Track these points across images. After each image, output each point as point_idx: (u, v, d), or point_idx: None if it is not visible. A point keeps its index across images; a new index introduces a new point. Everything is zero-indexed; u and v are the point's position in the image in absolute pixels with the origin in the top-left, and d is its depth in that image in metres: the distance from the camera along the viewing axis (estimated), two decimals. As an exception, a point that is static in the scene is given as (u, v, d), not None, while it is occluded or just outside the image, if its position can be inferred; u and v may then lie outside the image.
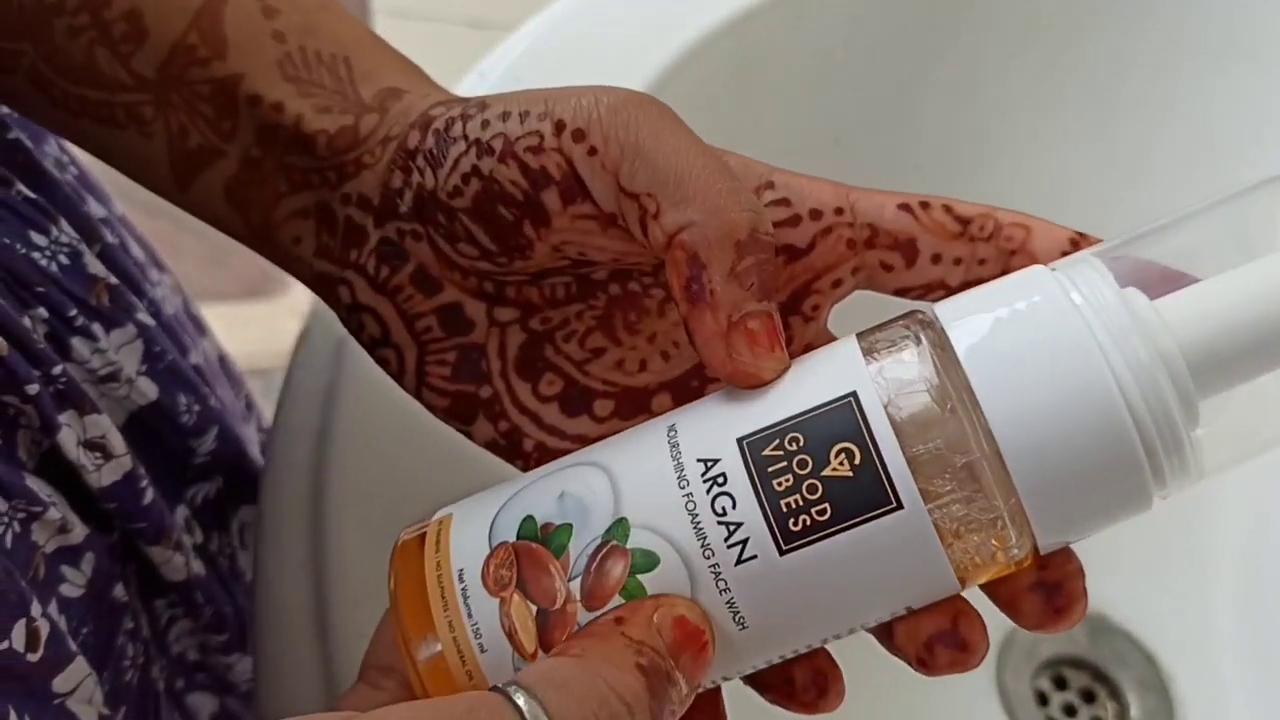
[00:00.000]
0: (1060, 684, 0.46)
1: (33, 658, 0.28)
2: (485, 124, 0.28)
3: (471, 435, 0.31)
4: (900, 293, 0.28)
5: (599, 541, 0.24)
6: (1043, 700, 0.45)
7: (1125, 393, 0.23)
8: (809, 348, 0.29)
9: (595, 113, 0.27)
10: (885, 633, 0.26)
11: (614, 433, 0.29)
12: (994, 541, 0.24)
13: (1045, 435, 0.23)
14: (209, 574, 0.38)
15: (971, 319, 0.24)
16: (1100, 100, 0.52)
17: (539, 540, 0.24)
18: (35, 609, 0.29)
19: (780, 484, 0.23)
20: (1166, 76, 0.51)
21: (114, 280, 0.35)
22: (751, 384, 0.25)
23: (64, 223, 0.35)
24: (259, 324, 1.26)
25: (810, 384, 0.24)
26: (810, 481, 0.23)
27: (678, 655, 0.23)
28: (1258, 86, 0.51)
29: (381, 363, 0.31)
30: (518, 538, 0.25)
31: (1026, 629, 0.26)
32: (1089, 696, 0.46)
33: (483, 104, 0.28)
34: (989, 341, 0.23)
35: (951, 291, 0.28)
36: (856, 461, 0.23)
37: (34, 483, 0.31)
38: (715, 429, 0.24)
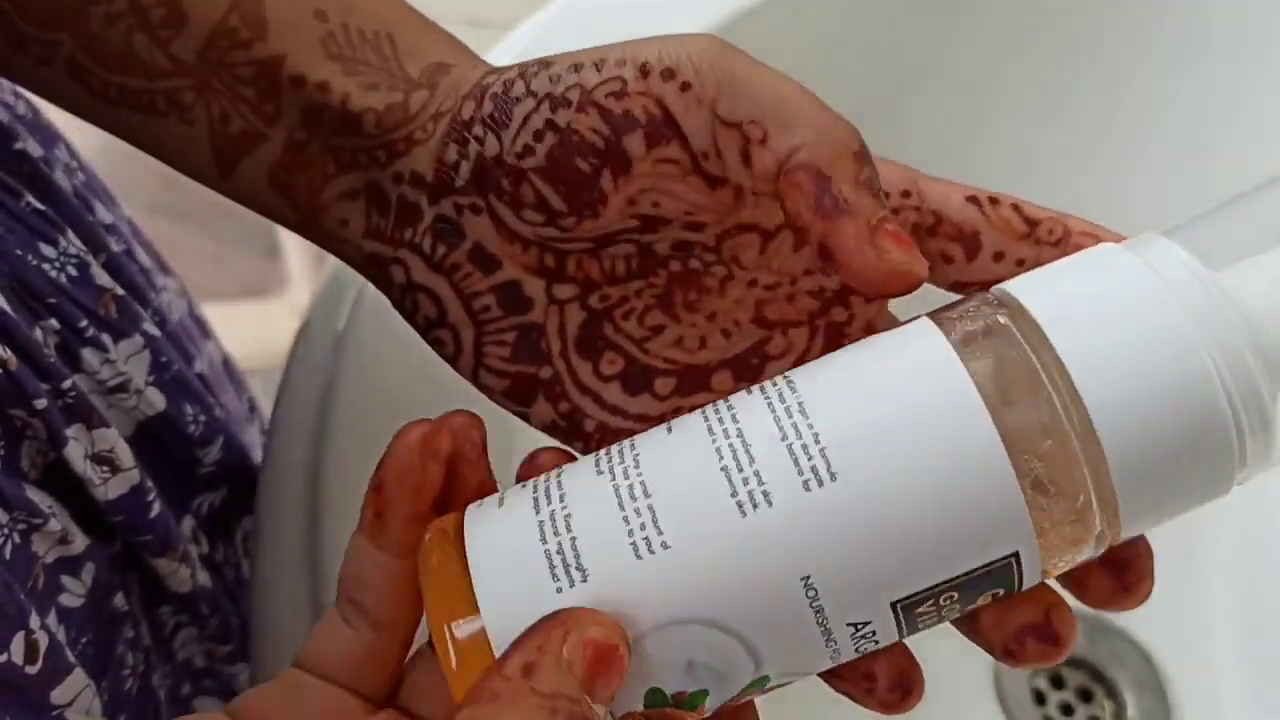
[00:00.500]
0: (1058, 683, 0.46)
1: (31, 670, 0.28)
2: (555, 78, 0.27)
3: (528, 418, 0.30)
4: (955, 287, 0.28)
5: (738, 694, 0.24)
6: (1040, 699, 0.45)
7: (1221, 375, 0.22)
8: (869, 329, 0.29)
9: (683, 53, 0.26)
10: (969, 621, 0.25)
11: (675, 412, 0.29)
12: (1081, 529, 0.23)
13: (1144, 424, 0.22)
14: (215, 584, 0.38)
15: (1056, 300, 0.23)
16: (1100, 101, 0.52)
17: (670, 705, 0.24)
18: (34, 621, 0.29)
19: (924, 620, 0.24)
20: (1167, 78, 0.51)
21: (120, 291, 0.35)
22: (907, 284, 0.24)
23: (70, 234, 0.34)
24: (258, 323, 1.26)
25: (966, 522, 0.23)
26: (954, 612, 0.24)
27: (593, 684, 0.22)
28: (1260, 87, 0.51)
29: (436, 345, 0.30)
30: (645, 707, 0.24)
31: (1093, 608, 0.25)
32: (1086, 696, 0.46)
33: (545, 62, 0.28)
34: (1081, 327, 0.23)
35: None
36: (1001, 594, 0.23)
37: (34, 494, 0.31)
38: (866, 590, 0.23)
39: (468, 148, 0.28)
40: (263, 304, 1.30)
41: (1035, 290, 0.24)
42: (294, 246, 1.26)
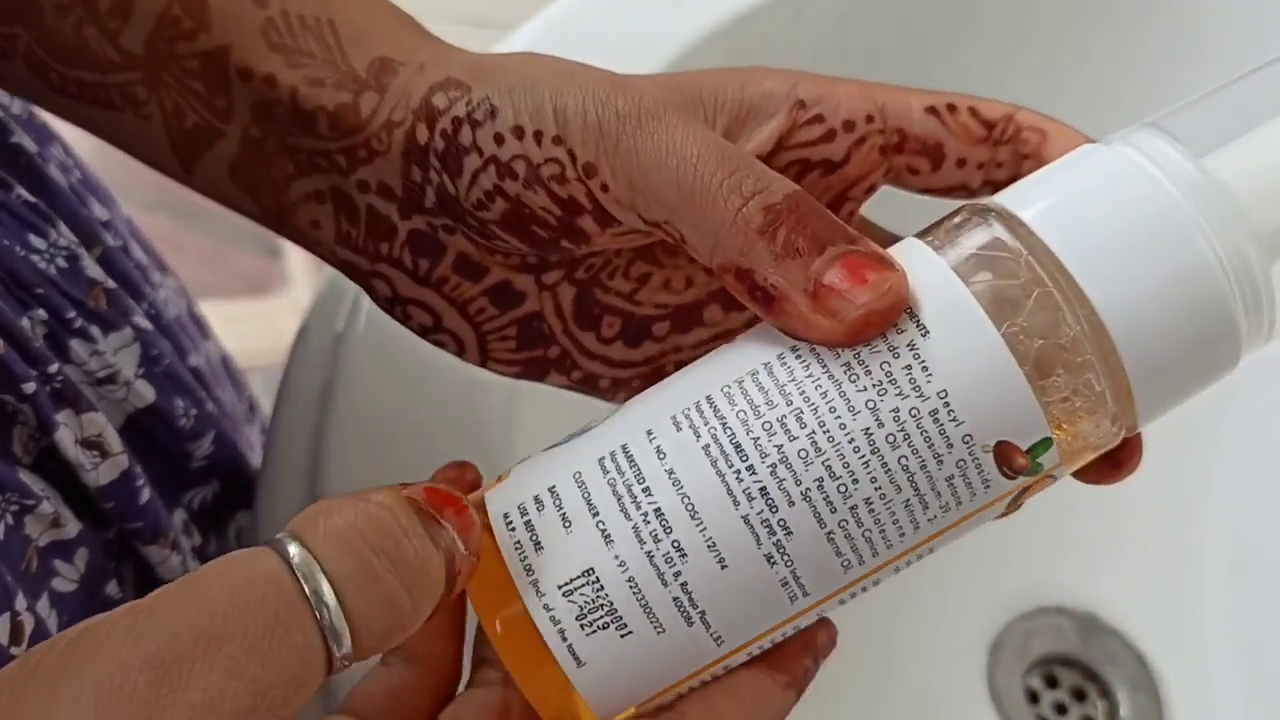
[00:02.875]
0: (1051, 683, 0.46)
1: (16, 650, 0.28)
2: (500, 139, 0.27)
3: (545, 382, 0.31)
4: (924, 192, 0.28)
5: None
6: (1033, 698, 0.46)
7: (1219, 256, 0.23)
8: None
9: (597, 139, 0.26)
10: None
11: (676, 349, 0.31)
12: (1095, 424, 0.24)
13: (1149, 310, 0.23)
14: None
15: (1041, 202, 0.24)
16: (1098, 102, 0.53)
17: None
18: (20, 603, 0.29)
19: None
20: (1167, 78, 0.51)
21: (111, 284, 0.35)
22: (879, 323, 0.23)
23: (63, 226, 0.34)
24: (258, 321, 1.26)
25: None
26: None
27: (440, 510, 0.23)
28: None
29: (438, 344, 0.31)
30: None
31: (1084, 481, 0.26)
32: (1080, 695, 0.46)
33: (489, 107, 0.27)
34: (1071, 220, 0.23)
35: (973, 194, 0.28)
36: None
37: (27, 477, 0.31)
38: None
39: (428, 174, 0.28)
40: (263, 302, 1.30)
41: (1026, 198, 0.24)
42: (294, 246, 1.26)
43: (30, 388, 0.30)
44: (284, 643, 0.20)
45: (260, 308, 1.29)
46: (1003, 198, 0.24)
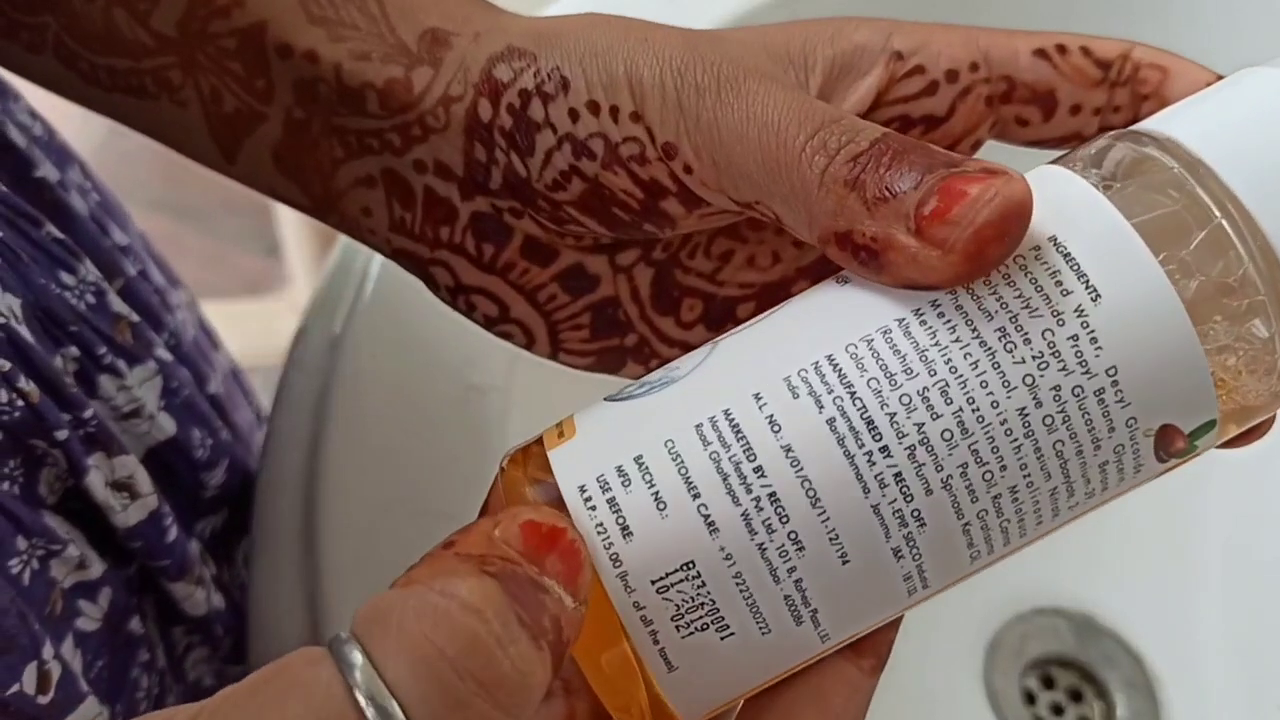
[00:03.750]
0: (1048, 683, 0.46)
1: (43, 700, 0.28)
2: (574, 115, 0.25)
3: (620, 374, 0.29)
4: (1033, 145, 0.26)
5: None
6: (1030, 699, 0.46)
7: None
8: None
9: (676, 117, 0.24)
10: None
11: None
12: (1255, 382, 0.21)
13: None
14: (227, 606, 0.37)
15: (1204, 126, 0.21)
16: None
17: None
18: (47, 650, 0.28)
19: None
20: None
21: (135, 318, 0.34)
22: (1003, 240, 0.20)
23: (88, 261, 0.34)
24: (258, 321, 1.26)
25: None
26: None
27: (541, 559, 0.19)
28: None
29: (504, 336, 0.28)
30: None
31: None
32: (1076, 696, 0.46)
33: (560, 79, 0.25)
34: (1242, 145, 0.20)
35: (1086, 141, 0.25)
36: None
37: (53, 520, 0.30)
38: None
39: (494, 153, 0.26)
40: (263, 302, 1.31)
41: (1184, 123, 0.21)
42: (295, 244, 1.27)
43: (63, 434, 0.30)
44: None
45: (260, 307, 1.29)
46: (1155, 124, 0.22)
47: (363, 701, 0.17)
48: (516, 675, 0.17)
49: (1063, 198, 0.21)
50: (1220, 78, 0.24)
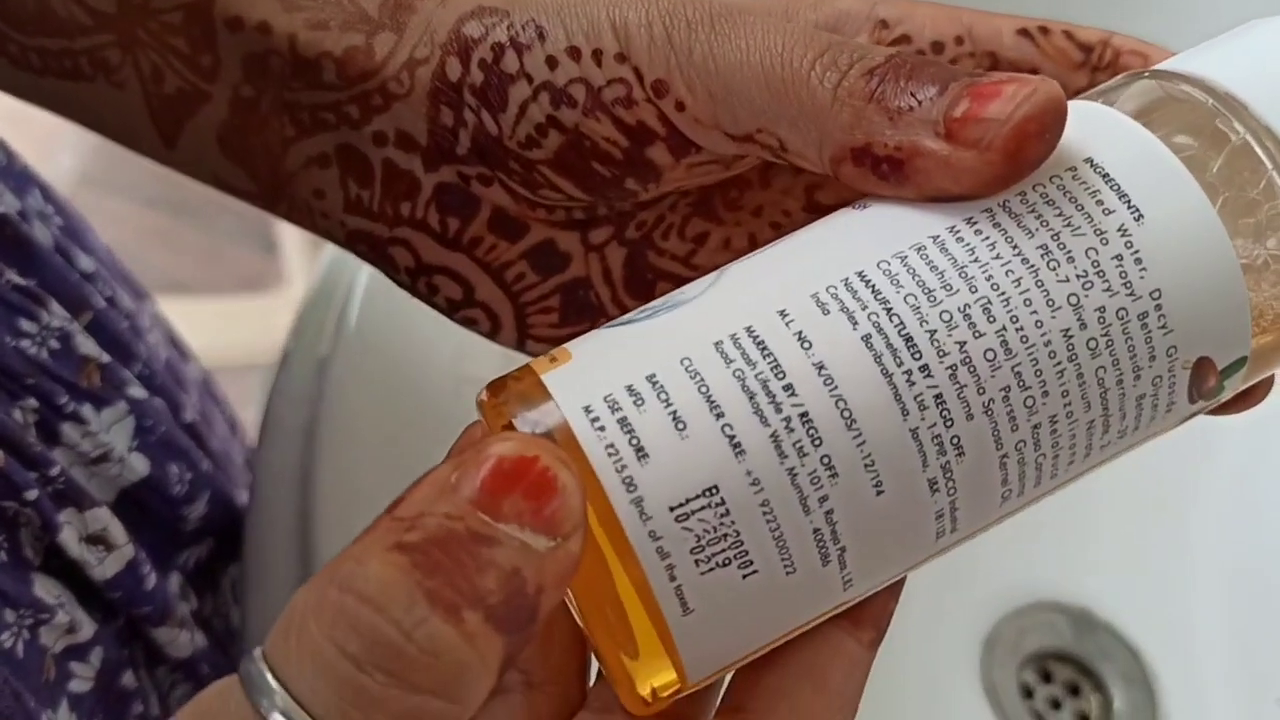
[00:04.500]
0: (1045, 677, 0.46)
1: None
2: (553, 63, 0.24)
3: None
4: None
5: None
6: (1028, 693, 0.46)
7: None
8: None
9: (667, 53, 0.23)
10: None
11: None
12: None
13: None
14: (211, 643, 0.37)
15: (1223, 64, 0.21)
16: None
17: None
18: None
19: None
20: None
21: (105, 359, 0.33)
22: (1045, 135, 0.19)
23: (54, 304, 0.32)
24: (255, 318, 1.26)
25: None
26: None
27: (497, 503, 0.17)
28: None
29: (466, 323, 0.27)
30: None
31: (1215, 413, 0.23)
32: (1074, 690, 0.46)
33: (536, 28, 0.24)
34: (1267, 78, 0.20)
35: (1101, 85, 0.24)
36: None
37: (41, 586, 0.30)
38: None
39: (462, 114, 0.25)
40: (260, 299, 1.31)
41: (1203, 64, 0.21)
42: (292, 242, 1.27)
43: (33, 494, 0.29)
44: None
45: (258, 304, 1.29)
46: (1176, 64, 0.21)
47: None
48: (426, 657, 0.16)
49: (1096, 124, 0.20)
50: None
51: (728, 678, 0.21)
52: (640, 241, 0.27)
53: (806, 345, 0.18)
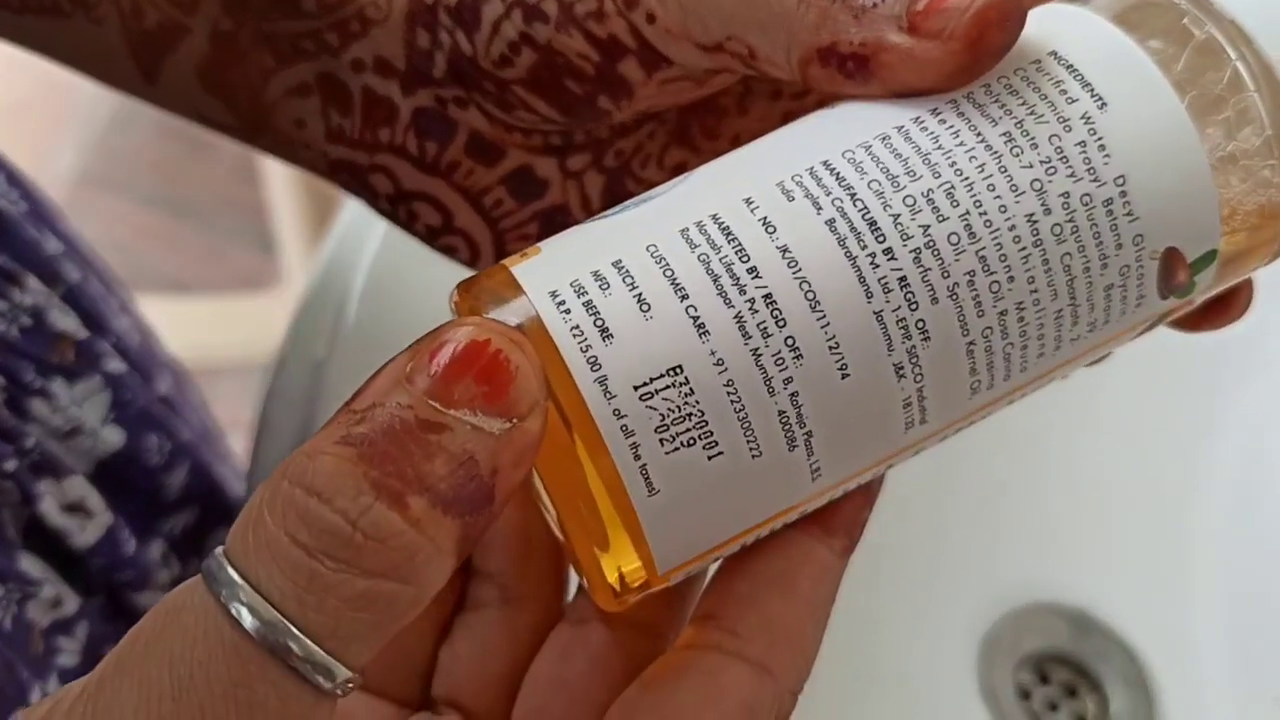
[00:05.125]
0: (1043, 679, 0.46)
1: None
2: None
3: None
4: None
5: None
6: (1025, 695, 0.46)
7: None
8: None
9: None
10: None
11: None
12: (1266, 174, 0.20)
13: None
14: None
15: None
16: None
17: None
18: (35, 696, 0.28)
19: None
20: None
21: (82, 335, 0.33)
22: (1007, 22, 0.19)
23: (30, 280, 0.32)
24: (254, 317, 1.26)
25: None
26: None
27: (449, 389, 0.17)
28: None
29: (446, 251, 0.27)
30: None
31: (1188, 329, 0.23)
32: (1071, 691, 0.46)
33: None
34: None
35: None
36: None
37: (26, 562, 0.30)
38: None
39: (438, 35, 0.25)
40: (258, 298, 1.31)
41: None
42: (290, 241, 1.27)
43: (11, 465, 0.29)
44: (252, 704, 0.16)
45: (256, 304, 1.29)
46: None
47: (234, 610, 0.16)
48: (372, 544, 0.17)
49: (1061, 20, 0.20)
50: None
51: (699, 590, 0.21)
52: (619, 170, 0.26)
53: (771, 230, 0.19)
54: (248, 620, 0.16)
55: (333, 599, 0.16)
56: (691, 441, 0.18)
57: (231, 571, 0.17)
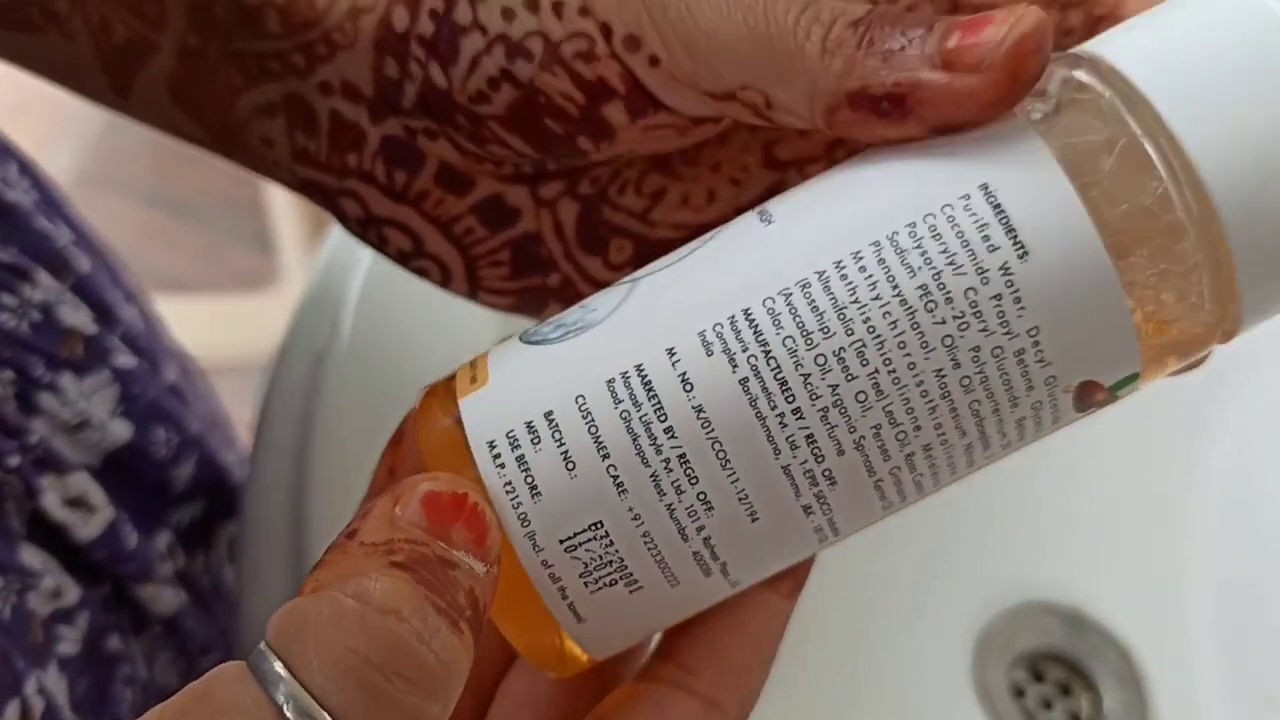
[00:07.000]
0: (1037, 677, 0.47)
1: None
2: (509, 14, 0.23)
3: (542, 316, 0.27)
4: None
5: None
6: (1019, 693, 0.46)
7: None
8: None
9: (639, 8, 0.22)
10: None
11: None
12: (1184, 314, 0.20)
13: (1258, 160, 0.18)
14: (190, 600, 0.37)
15: (1134, 42, 0.20)
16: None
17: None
18: (30, 686, 0.28)
19: None
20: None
21: (91, 330, 0.33)
22: (1040, 49, 0.19)
23: (40, 274, 0.32)
24: (253, 316, 1.26)
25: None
26: None
27: (447, 531, 0.19)
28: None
29: (418, 273, 0.27)
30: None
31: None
32: (1065, 690, 0.46)
33: None
34: (1170, 60, 0.19)
35: None
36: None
37: (28, 554, 0.30)
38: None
39: (409, 67, 0.24)
40: (257, 298, 1.31)
41: (1118, 40, 0.20)
42: (289, 241, 1.27)
43: (15, 460, 0.30)
44: None
45: (255, 303, 1.29)
46: (1095, 44, 0.21)
47: (292, 717, 0.17)
48: (442, 666, 0.18)
49: (1002, 139, 0.20)
50: None
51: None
52: (595, 197, 0.26)
53: (689, 388, 0.20)
54: None
55: (393, 715, 0.17)
56: (614, 582, 0.20)
57: (291, 677, 0.17)
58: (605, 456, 0.20)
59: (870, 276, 0.19)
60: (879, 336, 0.19)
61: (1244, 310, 0.20)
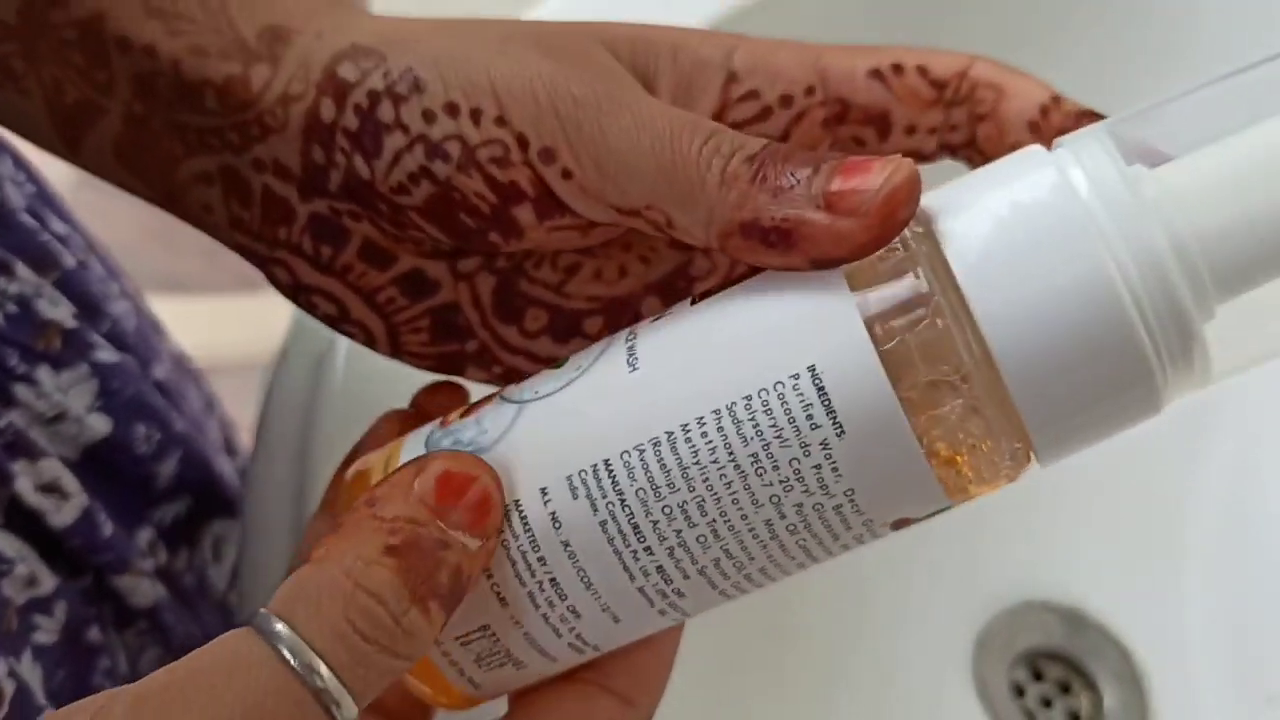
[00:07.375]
0: (1037, 676, 0.47)
1: None
2: (429, 116, 0.25)
3: (464, 377, 0.29)
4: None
5: None
6: (1019, 692, 0.46)
7: (1128, 281, 0.21)
8: None
9: (554, 123, 0.24)
10: None
11: None
12: (990, 458, 0.22)
13: (1040, 333, 0.21)
14: (170, 595, 0.37)
15: (951, 212, 0.22)
16: (1087, 99, 0.53)
17: None
18: (1, 669, 0.29)
19: None
20: (1164, 77, 0.51)
21: (70, 325, 0.34)
22: (910, 200, 0.21)
23: (20, 266, 0.33)
24: (252, 316, 1.26)
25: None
26: None
27: (448, 512, 0.22)
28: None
29: (346, 334, 0.29)
30: None
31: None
32: (1065, 688, 0.46)
33: (413, 79, 0.25)
34: (973, 234, 0.21)
35: (927, 159, 0.26)
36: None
37: (2, 540, 0.31)
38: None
39: (334, 155, 0.26)
40: (257, 298, 1.31)
41: (943, 206, 0.22)
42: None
43: None
44: None
45: (254, 304, 1.29)
46: (929, 197, 0.23)
47: (298, 667, 0.20)
48: (408, 637, 0.22)
49: (829, 319, 0.22)
50: (1055, 95, 0.25)
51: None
52: (511, 270, 0.28)
53: (558, 525, 0.23)
54: (309, 677, 0.21)
55: (373, 672, 0.21)
56: (503, 664, 0.25)
57: (295, 636, 0.21)
58: (489, 577, 0.24)
59: (710, 442, 0.22)
60: (716, 494, 0.23)
61: (1037, 447, 0.22)
